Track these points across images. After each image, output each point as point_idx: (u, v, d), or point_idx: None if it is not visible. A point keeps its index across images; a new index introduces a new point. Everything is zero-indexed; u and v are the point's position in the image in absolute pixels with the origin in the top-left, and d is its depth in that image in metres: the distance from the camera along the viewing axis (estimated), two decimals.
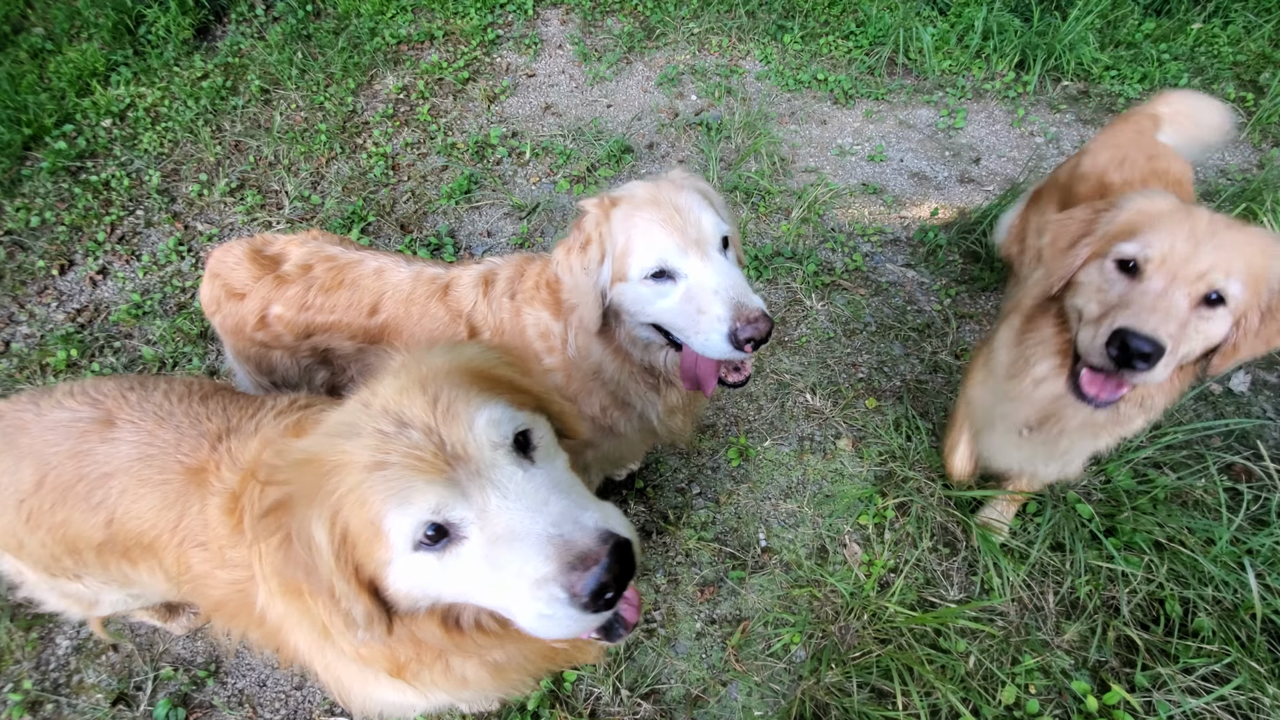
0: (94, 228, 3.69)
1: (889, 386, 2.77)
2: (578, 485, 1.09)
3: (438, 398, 1.03)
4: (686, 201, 1.53)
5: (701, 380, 1.60)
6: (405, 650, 1.26)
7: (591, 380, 1.72)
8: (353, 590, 1.07)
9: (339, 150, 3.99)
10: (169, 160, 4.04)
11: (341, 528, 1.04)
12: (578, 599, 0.92)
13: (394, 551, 1.02)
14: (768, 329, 1.42)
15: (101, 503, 1.53)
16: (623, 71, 4.44)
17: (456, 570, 1.01)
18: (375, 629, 1.10)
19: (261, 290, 1.86)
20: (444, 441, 1.00)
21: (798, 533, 2.37)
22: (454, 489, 0.98)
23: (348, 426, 1.05)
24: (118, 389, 1.66)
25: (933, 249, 3.27)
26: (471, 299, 1.76)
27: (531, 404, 1.17)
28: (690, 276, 1.50)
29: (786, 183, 3.64)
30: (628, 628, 1.16)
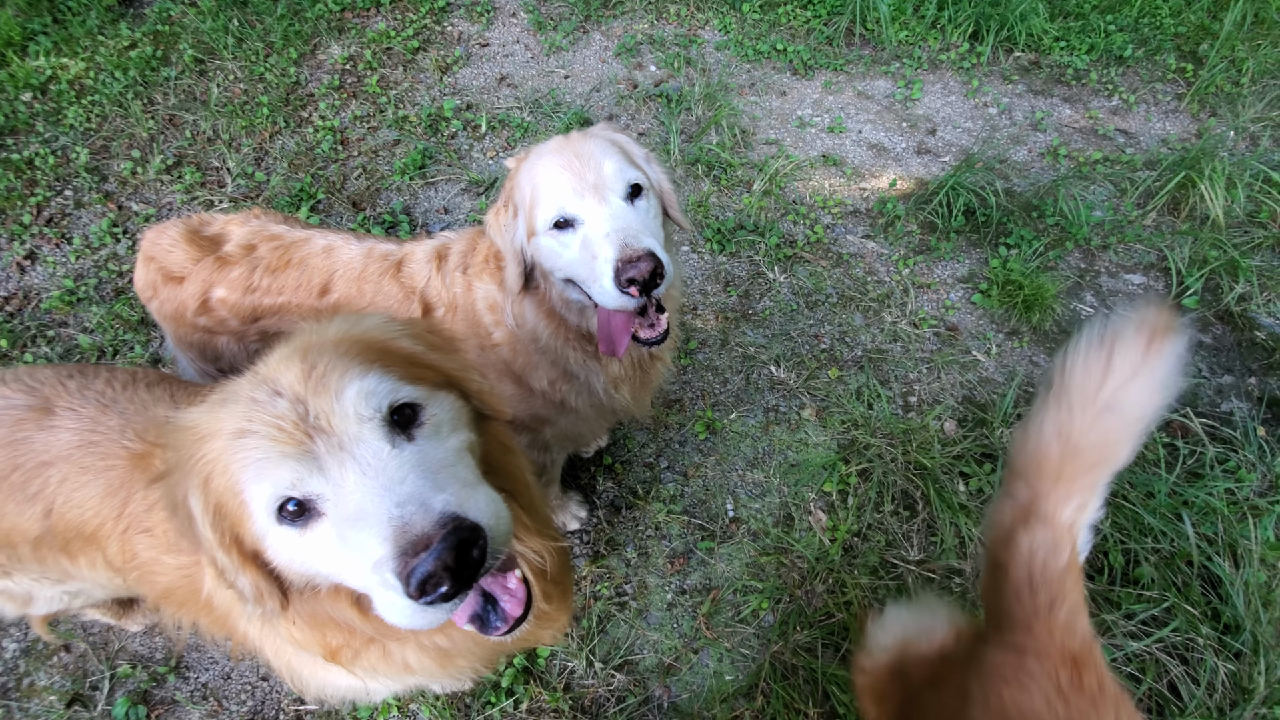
0: (18, 210, 3.48)
1: (850, 356, 2.82)
2: (458, 466, 1.02)
3: (314, 366, 0.98)
4: (590, 148, 1.48)
5: (614, 338, 1.52)
6: (334, 635, 1.21)
7: (535, 352, 1.69)
8: (234, 562, 1.02)
9: (283, 124, 3.83)
10: (98, 136, 3.82)
11: (215, 497, 1.00)
12: (407, 587, 0.85)
13: (259, 523, 0.98)
14: (649, 268, 1.32)
15: (39, 493, 1.46)
16: (579, 41, 4.35)
17: (317, 548, 0.96)
18: (267, 603, 1.06)
19: (202, 273, 1.78)
20: (309, 412, 0.94)
21: (764, 502, 2.42)
22: (311, 463, 0.92)
23: (230, 394, 1.01)
24: (55, 377, 1.58)
25: (891, 220, 3.32)
26: (425, 275, 1.72)
27: (436, 379, 1.11)
28: (587, 222, 1.44)
29: (748, 155, 3.64)
30: (506, 621, 1.05)
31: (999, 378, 2.78)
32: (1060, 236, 3.29)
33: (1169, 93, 4.13)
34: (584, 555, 2.31)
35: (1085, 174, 3.60)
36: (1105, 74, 4.19)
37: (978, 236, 3.27)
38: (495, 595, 1.06)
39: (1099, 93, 4.11)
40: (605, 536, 2.35)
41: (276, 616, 1.11)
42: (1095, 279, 3.19)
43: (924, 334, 2.90)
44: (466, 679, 1.47)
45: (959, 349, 2.86)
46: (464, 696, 2.04)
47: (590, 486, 2.47)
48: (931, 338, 2.90)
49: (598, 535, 2.35)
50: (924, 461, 2.43)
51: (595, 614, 2.18)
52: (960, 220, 3.28)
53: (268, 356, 1.08)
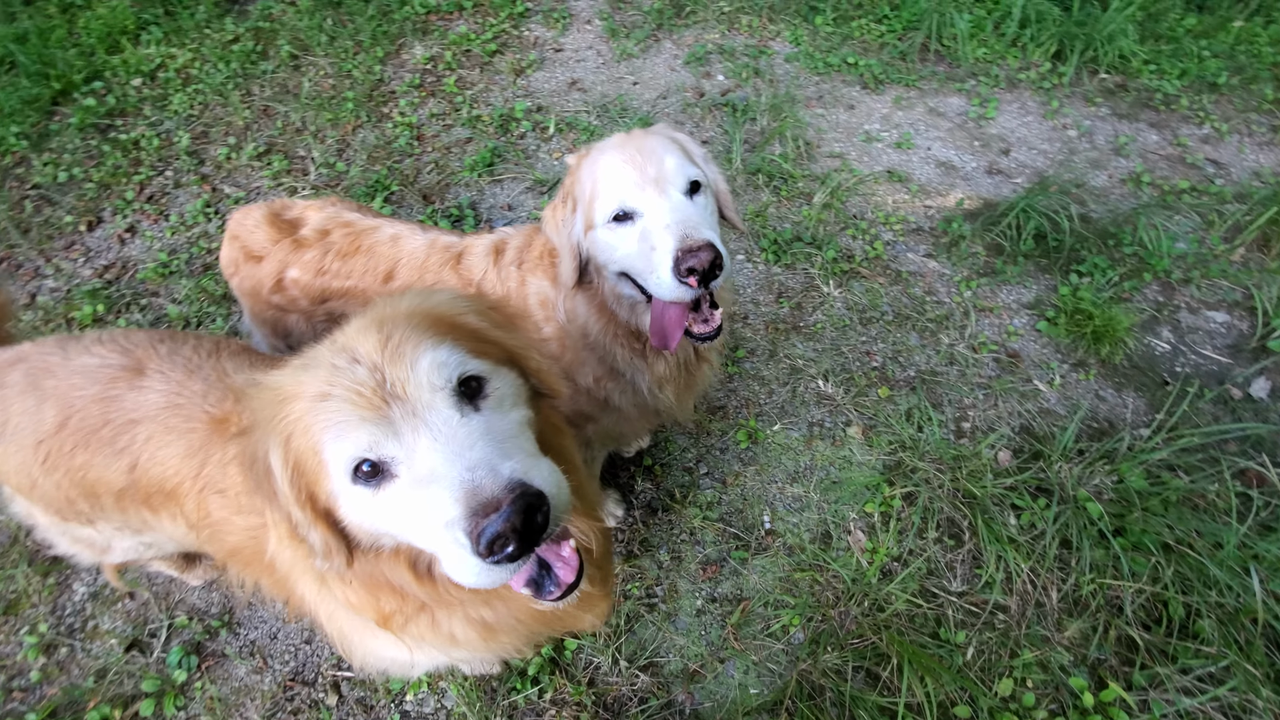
0: (123, 186, 3.72)
1: (903, 376, 2.73)
2: (521, 438, 1.06)
3: (390, 337, 1.02)
4: (652, 144, 1.49)
5: (667, 331, 1.52)
6: (388, 600, 1.25)
7: (583, 349, 1.70)
8: (308, 517, 1.07)
9: (365, 119, 3.98)
10: (198, 122, 4.05)
11: (294, 455, 1.04)
12: (476, 545, 0.89)
13: (335, 482, 1.02)
14: (709, 259, 1.33)
15: (126, 448, 1.54)
16: (650, 49, 4.37)
17: (389, 508, 1.00)
18: (334, 559, 1.11)
19: (279, 254, 1.87)
20: (385, 379, 0.99)
21: (803, 517, 2.36)
22: (387, 427, 0.97)
23: (311, 359, 1.06)
24: (148, 340, 1.67)
25: (955, 240, 3.20)
26: (482, 268, 1.75)
27: (499, 355, 1.15)
28: (646, 214, 1.45)
29: (810, 167, 3.58)
30: (560, 587, 1.09)
31: (1061, 410, 2.64)
32: (1138, 267, 3.11)
33: (1264, 124, 3.85)
34: (618, 553, 2.31)
35: (1169, 203, 3.39)
36: (1196, 101, 3.94)
37: (1047, 262, 3.12)
38: (550, 562, 1.10)
39: (1189, 120, 3.87)
40: (639, 537, 2.34)
41: (341, 573, 1.16)
42: (1174, 314, 2.99)
43: (983, 359, 2.78)
44: (507, 655, 1.50)
45: (1019, 377, 2.73)
46: (490, 680, 2.07)
47: (629, 486, 2.46)
48: (991, 363, 2.78)
49: (632, 535, 2.35)
50: (974, 490, 2.32)
51: (624, 613, 2.17)
52: (1030, 244, 3.14)
53: (345, 326, 1.13)
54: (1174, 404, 2.58)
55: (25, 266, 3.45)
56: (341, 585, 1.29)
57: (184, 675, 2.14)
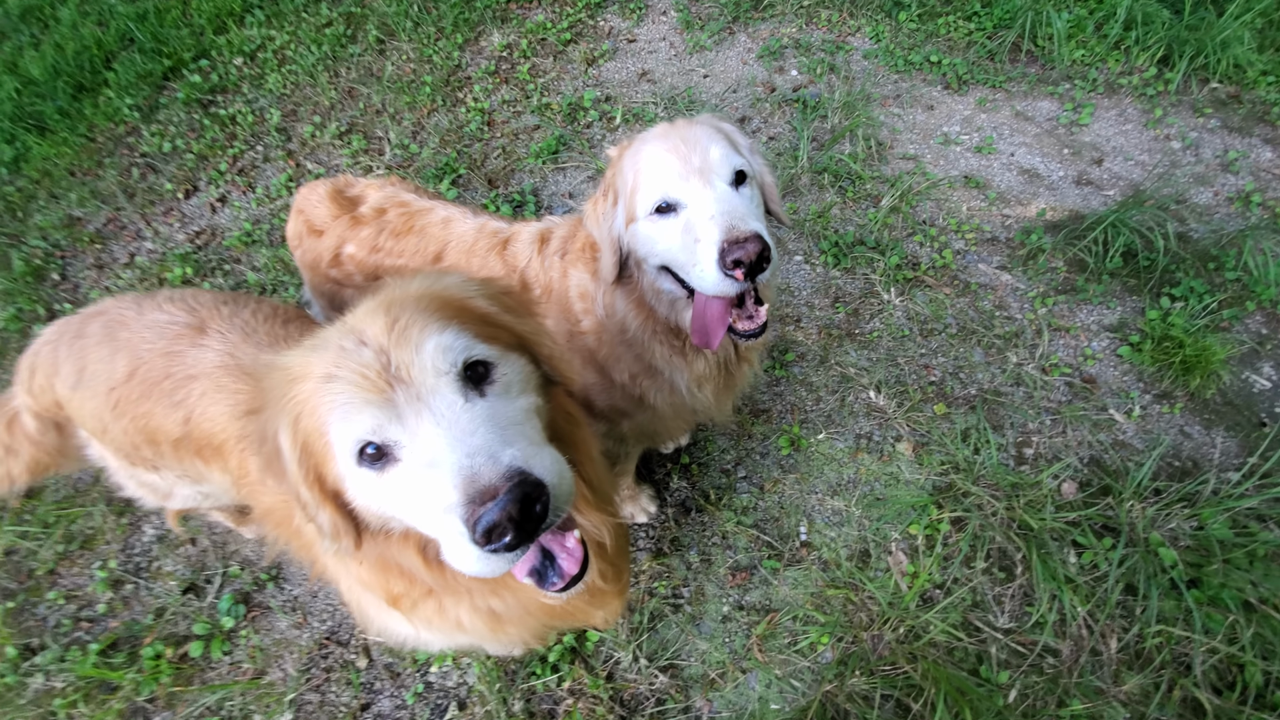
0: (218, 158, 3.90)
1: (962, 394, 2.54)
2: (525, 425, 1.02)
3: (397, 320, 1.00)
4: (696, 133, 1.41)
5: (709, 328, 1.44)
6: (397, 581, 1.24)
7: (620, 344, 1.63)
8: (316, 497, 1.05)
9: (440, 103, 4.02)
10: (289, 101, 4.19)
11: (302, 435, 1.03)
12: (473, 533, 0.86)
13: (340, 463, 1.00)
14: (756, 250, 1.26)
15: (182, 401, 1.59)
16: (724, 41, 4.23)
17: (393, 491, 0.98)
18: (343, 541, 1.09)
19: (338, 229, 1.88)
20: (390, 362, 0.96)
21: (841, 532, 2.23)
22: (390, 410, 0.95)
23: (321, 341, 1.04)
24: (213, 301, 1.73)
25: (1033, 252, 2.95)
26: (527, 255, 1.71)
27: (509, 341, 1.11)
28: (690, 205, 1.37)
29: (880, 169, 3.38)
30: (563, 578, 1.05)
31: (1138, 444, 2.39)
32: (1240, 294, 2.78)
33: None
34: (647, 550, 2.24)
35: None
36: None
37: (1136, 283, 2.83)
38: (554, 552, 1.06)
39: None
40: (671, 535, 2.26)
41: (349, 554, 1.15)
42: (1278, 349, 2.67)
43: (1054, 382, 2.56)
44: (515, 645, 1.47)
45: (1093, 405, 2.49)
46: (511, 662, 2.05)
47: (664, 483, 2.39)
48: (1062, 387, 2.55)
49: (663, 532, 2.27)
50: (1031, 522, 2.13)
51: (649, 610, 2.10)
52: (1117, 262, 2.86)
53: (356, 307, 1.11)
54: (1270, 448, 2.30)
55: (128, 228, 3.66)
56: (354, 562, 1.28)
57: (231, 622, 2.21)
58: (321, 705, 2.04)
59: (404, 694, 2.02)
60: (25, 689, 2.11)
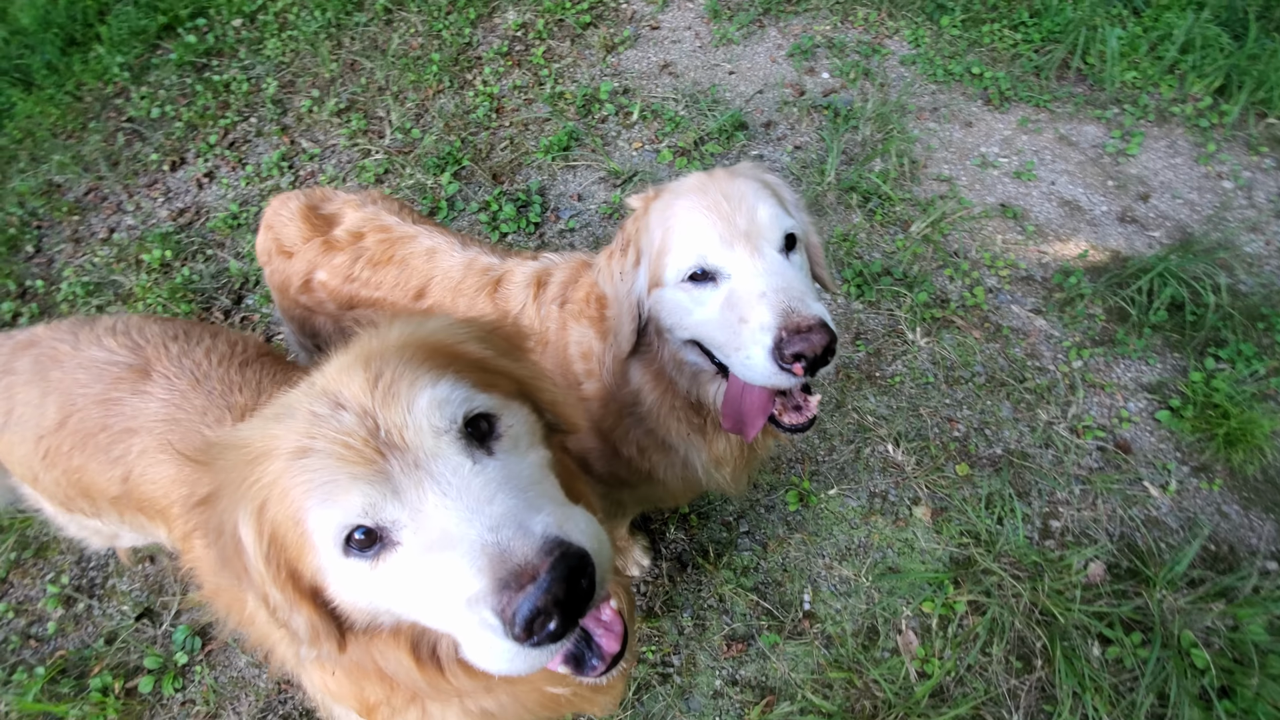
0: (208, 129, 3.60)
1: (988, 454, 2.31)
2: (545, 484, 0.87)
3: (380, 375, 0.82)
4: (740, 189, 1.16)
5: (746, 417, 1.21)
6: (373, 689, 1.04)
7: (630, 416, 1.39)
8: (289, 598, 0.86)
9: (448, 84, 3.70)
10: (288, 70, 3.87)
11: (270, 526, 0.83)
12: (511, 627, 0.70)
13: (322, 555, 0.82)
14: (824, 343, 1.04)
15: (120, 458, 1.39)
16: (753, 35, 3.90)
17: (392, 583, 0.80)
18: (323, 645, 0.89)
19: (308, 253, 1.62)
20: (379, 427, 0.79)
21: (848, 603, 2.02)
22: (384, 485, 0.77)
23: (285, 408, 0.85)
24: (161, 336, 1.49)
25: (1071, 297, 2.69)
26: (520, 300, 1.45)
27: (508, 388, 0.95)
28: (734, 276, 1.13)
29: (912, 190, 3.09)
30: (604, 660, 0.88)
31: (1173, 523, 2.17)
32: None
33: None
34: (637, 608, 2.04)
35: None
36: None
37: (1180, 339, 2.58)
38: (590, 631, 0.89)
39: None
40: (664, 594, 2.06)
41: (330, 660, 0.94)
42: None
43: (1086, 445, 2.32)
44: None
45: (1127, 475, 2.26)
46: None
47: (659, 533, 2.17)
48: (1094, 452, 2.32)
49: (655, 590, 2.06)
50: (1054, 609, 1.92)
51: (636, 678, 1.91)
52: (1161, 315, 2.61)
53: (324, 365, 0.90)
54: None
55: (109, 200, 3.38)
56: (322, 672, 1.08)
57: (185, 658, 2.01)
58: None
59: None
60: None
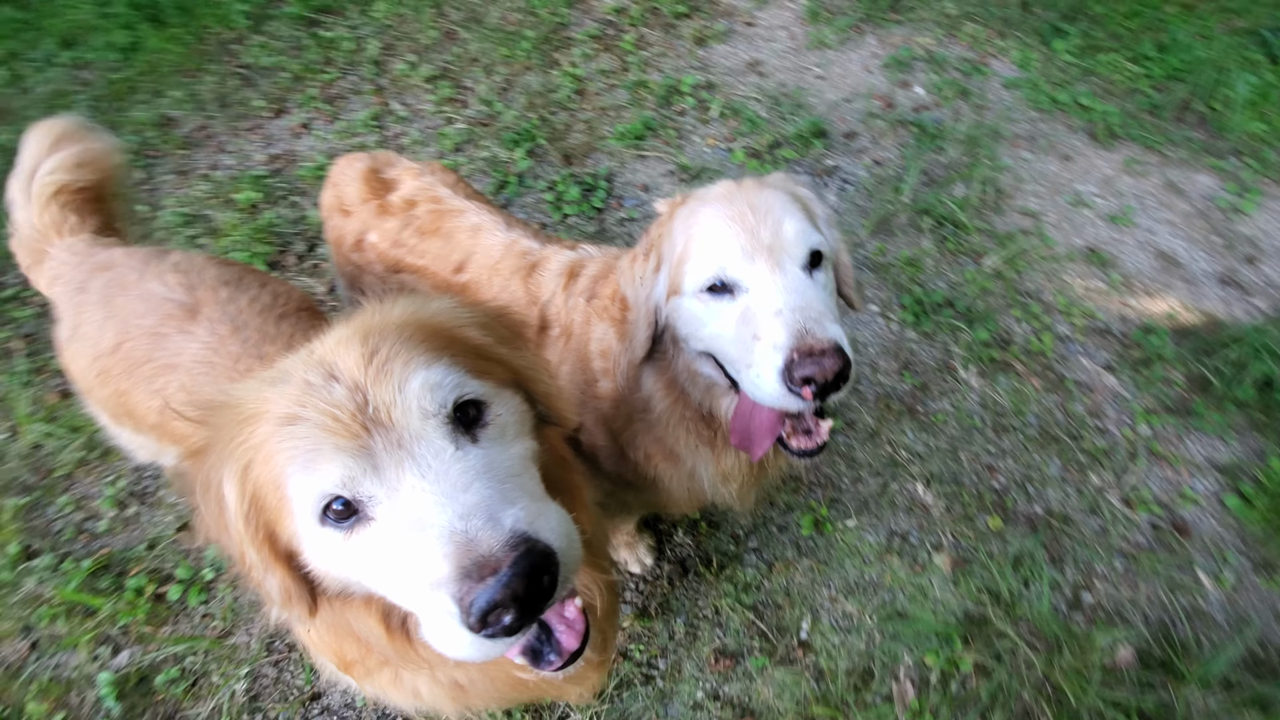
0: (311, 82, 3.75)
1: (1025, 511, 2.16)
2: (524, 477, 0.87)
3: (376, 351, 0.83)
4: (768, 201, 1.12)
5: (753, 436, 1.17)
6: (351, 647, 1.08)
7: (640, 422, 1.36)
8: (264, 559, 0.89)
9: (536, 61, 3.73)
10: (391, 33, 3.99)
11: (253, 487, 0.86)
12: (467, 616, 0.71)
13: (299, 521, 0.84)
14: (836, 368, 0.98)
15: (160, 390, 1.47)
16: (849, 41, 3.74)
17: (363, 555, 0.81)
18: (295, 608, 0.92)
19: (364, 214, 1.67)
20: (368, 402, 0.80)
21: (847, 640, 1.94)
22: (366, 460, 0.78)
23: (282, 373, 0.87)
24: (216, 280, 1.58)
25: (1150, 358, 2.47)
26: (551, 289, 1.45)
27: (503, 376, 0.95)
28: (752, 290, 1.09)
29: (992, 220, 2.91)
30: (562, 656, 0.89)
31: (1220, 618, 1.97)
32: None
33: None
34: (632, 605, 2.02)
35: None
36: None
37: (1265, 420, 2.33)
38: (552, 626, 0.91)
39: None
40: (661, 595, 2.03)
41: (300, 622, 0.99)
42: None
43: (1137, 520, 2.14)
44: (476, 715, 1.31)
45: (1178, 558, 2.07)
46: None
47: (667, 534, 2.15)
48: (1146, 528, 2.13)
49: (654, 590, 2.04)
50: (1067, 687, 1.78)
51: (620, 674, 1.90)
52: (1248, 391, 2.36)
53: (324, 334, 0.92)
54: None
55: (214, 139, 3.59)
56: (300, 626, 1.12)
57: (212, 574, 2.14)
58: (276, 682, 1.95)
59: (357, 696, 1.91)
60: (17, 590, 2.12)
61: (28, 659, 2.01)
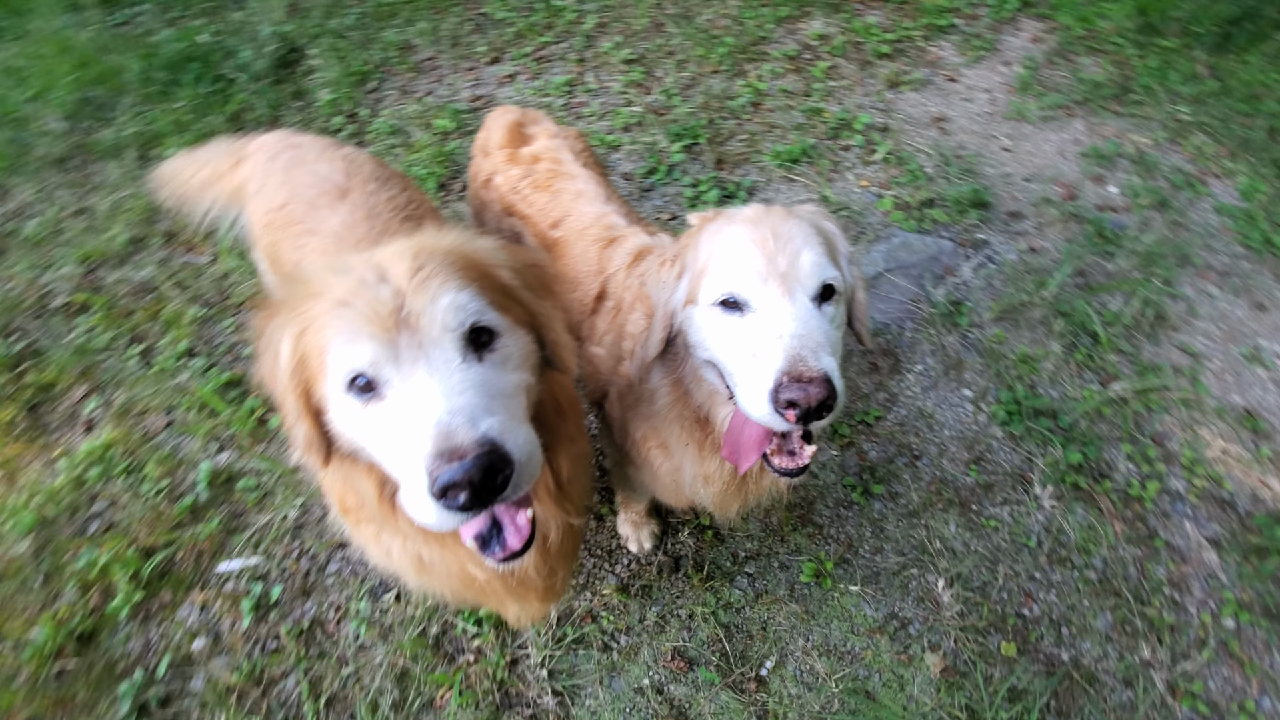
0: (529, 40, 4.13)
1: (1049, 651, 1.95)
2: (511, 401, 1.00)
3: (421, 268, 0.99)
4: (791, 230, 1.15)
5: (741, 448, 1.21)
6: (351, 498, 1.27)
7: (644, 406, 1.43)
8: (299, 409, 1.07)
9: (726, 67, 3.82)
10: (609, 13, 4.27)
11: (303, 349, 1.03)
12: (432, 486, 0.86)
13: (330, 385, 1.00)
14: (820, 397, 1.00)
15: (298, 249, 1.74)
16: (1053, 121, 3.45)
17: (371, 424, 0.98)
18: (311, 456, 1.10)
19: (498, 159, 1.87)
20: (404, 306, 0.96)
21: (804, 695, 1.89)
22: (391, 350, 0.94)
23: (346, 266, 1.03)
24: (372, 173, 1.84)
25: (1270, 550, 2.10)
26: (618, 265, 1.54)
27: (520, 316, 1.09)
28: (759, 311, 1.12)
29: (1140, 345, 2.58)
30: (505, 549, 1.03)
31: None
32: None
33: None
34: (617, 578, 2.10)
35: None
36: None
37: None
38: (503, 524, 1.05)
39: None
40: (646, 580, 2.09)
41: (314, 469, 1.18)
42: None
43: (1176, 710, 1.84)
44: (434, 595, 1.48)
45: None
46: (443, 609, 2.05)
47: (674, 529, 2.19)
48: None
49: (641, 573, 2.10)
50: None
51: (582, 631, 1.99)
52: None
53: (389, 243, 1.10)
54: None
55: (437, 71, 4.07)
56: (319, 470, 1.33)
57: None
58: (319, 521, 2.26)
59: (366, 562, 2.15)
60: (174, 378, 2.62)
61: (161, 432, 2.49)
